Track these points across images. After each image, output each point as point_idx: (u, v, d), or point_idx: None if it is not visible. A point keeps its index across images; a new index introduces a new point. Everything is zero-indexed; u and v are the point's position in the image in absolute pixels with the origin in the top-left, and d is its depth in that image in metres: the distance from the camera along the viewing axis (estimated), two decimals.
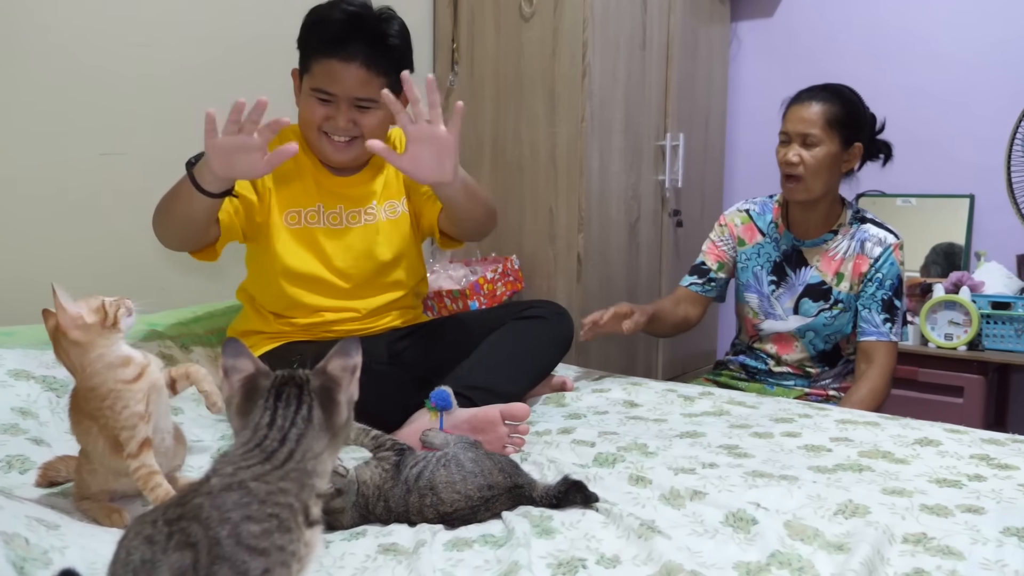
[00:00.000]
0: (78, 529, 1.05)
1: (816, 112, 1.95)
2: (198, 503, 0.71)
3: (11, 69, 1.82)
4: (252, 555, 0.69)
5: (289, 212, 1.72)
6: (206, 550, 0.68)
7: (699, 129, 3.07)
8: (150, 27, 2.04)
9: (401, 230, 1.83)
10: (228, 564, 0.68)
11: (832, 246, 2.04)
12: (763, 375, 2.16)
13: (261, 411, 0.77)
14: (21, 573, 0.88)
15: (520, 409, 1.46)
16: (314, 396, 0.78)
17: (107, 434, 1.11)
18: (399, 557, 1.04)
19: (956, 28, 2.94)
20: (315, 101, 1.66)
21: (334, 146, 1.70)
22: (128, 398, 1.11)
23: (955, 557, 1.03)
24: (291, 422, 0.76)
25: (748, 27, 3.38)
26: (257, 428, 0.76)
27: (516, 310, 1.84)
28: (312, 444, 0.76)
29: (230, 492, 0.71)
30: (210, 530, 0.69)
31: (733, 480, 1.27)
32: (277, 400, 0.77)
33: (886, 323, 1.98)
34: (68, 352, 1.13)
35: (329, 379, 0.79)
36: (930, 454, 1.42)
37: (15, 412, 1.43)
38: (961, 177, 2.94)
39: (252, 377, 0.80)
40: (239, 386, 0.80)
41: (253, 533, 0.69)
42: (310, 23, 1.69)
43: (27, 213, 1.86)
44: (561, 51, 2.52)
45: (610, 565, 1.02)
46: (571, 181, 2.54)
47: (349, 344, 0.81)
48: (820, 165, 1.95)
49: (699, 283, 2.20)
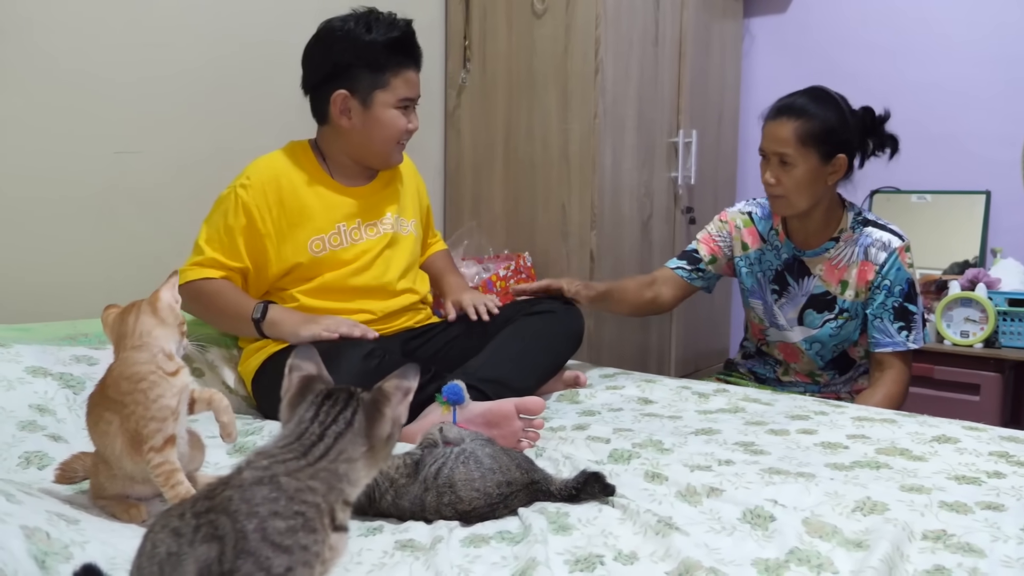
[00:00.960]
0: (98, 524, 1.05)
1: (788, 131, 1.84)
2: (228, 495, 0.71)
3: (27, 68, 1.82)
4: (276, 552, 0.69)
5: (313, 241, 1.77)
6: (232, 543, 0.68)
7: (712, 126, 3.06)
8: (164, 26, 2.04)
9: (413, 245, 1.93)
10: (252, 559, 0.68)
11: (835, 254, 1.95)
12: (771, 383, 2.12)
13: (308, 405, 0.79)
14: (43, 567, 0.88)
15: (534, 402, 1.46)
16: (361, 402, 0.80)
17: (129, 427, 1.08)
18: (416, 553, 1.04)
19: (971, 23, 2.92)
20: (399, 112, 1.79)
21: (400, 149, 1.85)
22: (164, 388, 1.10)
23: (976, 554, 1.02)
24: (333, 419, 0.77)
25: (761, 23, 3.36)
26: (300, 421, 0.78)
27: (527, 306, 1.86)
28: (348, 447, 0.77)
29: (261, 486, 0.71)
30: (238, 523, 0.69)
31: (750, 477, 1.26)
32: (326, 398, 0.79)
33: (901, 331, 1.90)
34: (140, 318, 1.13)
35: (380, 392, 0.81)
36: (948, 451, 1.41)
37: (33, 409, 1.43)
38: (977, 173, 2.92)
39: (310, 378, 0.83)
40: (296, 382, 0.83)
41: (279, 529, 0.70)
42: (369, 44, 1.73)
43: (42, 211, 1.87)
44: (574, 48, 2.51)
45: (628, 562, 1.02)
46: (584, 178, 2.53)
47: (408, 368, 0.83)
48: (799, 184, 1.86)
49: (686, 269, 2.11)
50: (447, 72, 2.80)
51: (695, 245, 2.13)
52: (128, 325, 1.14)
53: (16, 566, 0.85)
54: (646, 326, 2.80)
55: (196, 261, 1.73)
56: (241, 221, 1.71)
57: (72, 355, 1.61)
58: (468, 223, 2.73)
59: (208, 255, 1.72)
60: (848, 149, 1.89)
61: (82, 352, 1.63)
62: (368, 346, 1.61)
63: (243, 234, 1.72)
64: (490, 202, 2.73)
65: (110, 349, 1.64)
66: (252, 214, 1.72)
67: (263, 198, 1.73)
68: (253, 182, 1.73)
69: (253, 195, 1.72)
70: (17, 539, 0.89)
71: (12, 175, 1.82)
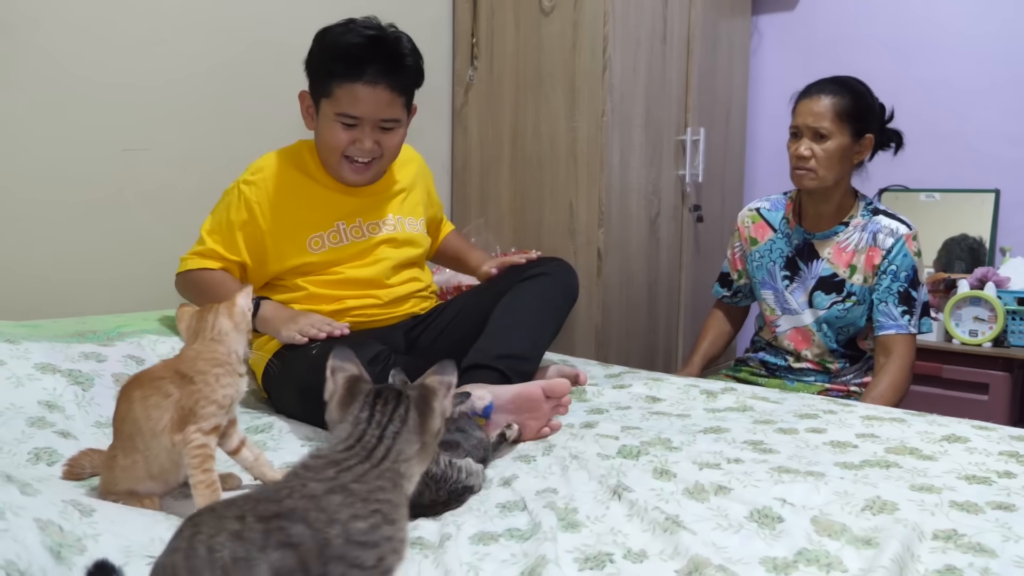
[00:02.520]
0: (111, 516, 1.06)
1: (826, 105, 1.95)
2: (301, 506, 0.73)
3: (34, 67, 1.83)
4: (364, 549, 0.72)
5: (312, 238, 1.76)
6: (315, 552, 0.70)
7: (720, 124, 3.05)
8: (173, 24, 2.05)
9: (420, 241, 1.92)
10: (342, 562, 0.71)
11: (843, 238, 2.03)
12: (783, 371, 2.15)
13: (361, 404, 0.82)
14: (58, 557, 0.89)
15: (561, 385, 1.48)
16: (411, 399, 0.83)
17: (186, 404, 1.11)
18: (425, 551, 1.04)
19: (980, 20, 2.90)
20: (339, 126, 1.68)
21: (354, 168, 1.74)
22: (232, 380, 1.15)
23: (987, 554, 1.02)
24: (389, 418, 0.81)
25: (769, 21, 3.35)
26: (357, 422, 0.81)
27: (520, 272, 1.83)
28: (405, 447, 0.81)
29: (333, 495, 0.74)
30: (318, 532, 0.71)
31: (759, 476, 1.26)
32: (377, 397, 0.83)
33: (904, 315, 1.96)
34: (218, 319, 1.17)
35: (426, 388, 0.85)
36: (958, 451, 1.40)
37: (41, 405, 1.44)
38: (986, 171, 2.90)
39: (355, 378, 0.87)
40: (342, 383, 0.86)
41: (361, 530, 0.73)
42: (327, 47, 1.69)
43: (50, 208, 1.88)
44: (581, 45, 2.51)
45: (637, 560, 1.02)
46: (591, 176, 2.53)
47: (446, 364, 0.88)
48: (832, 158, 1.95)
49: (728, 295, 2.28)
50: (455, 70, 2.80)
51: (726, 265, 2.27)
52: (207, 322, 1.17)
53: (30, 558, 0.85)
54: (653, 325, 2.79)
55: (197, 251, 1.75)
56: (243, 216, 1.72)
57: (81, 352, 1.61)
58: (475, 220, 2.73)
59: (208, 246, 1.73)
60: (875, 131, 2.01)
61: (91, 349, 1.63)
62: (374, 348, 1.61)
63: (243, 229, 1.73)
64: (497, 200, 2.73)
65: (117, 347, 1.67)
66: (253, 210, 1.72)
67: (265, 194, 1.73)
68: (256, 178, 1.74)
69: (255, 191, 1.73)
70: (31, 531, 0.90)
71: (21, 173, 1.83)
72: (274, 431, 1.55)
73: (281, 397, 1.67)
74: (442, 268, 2.47)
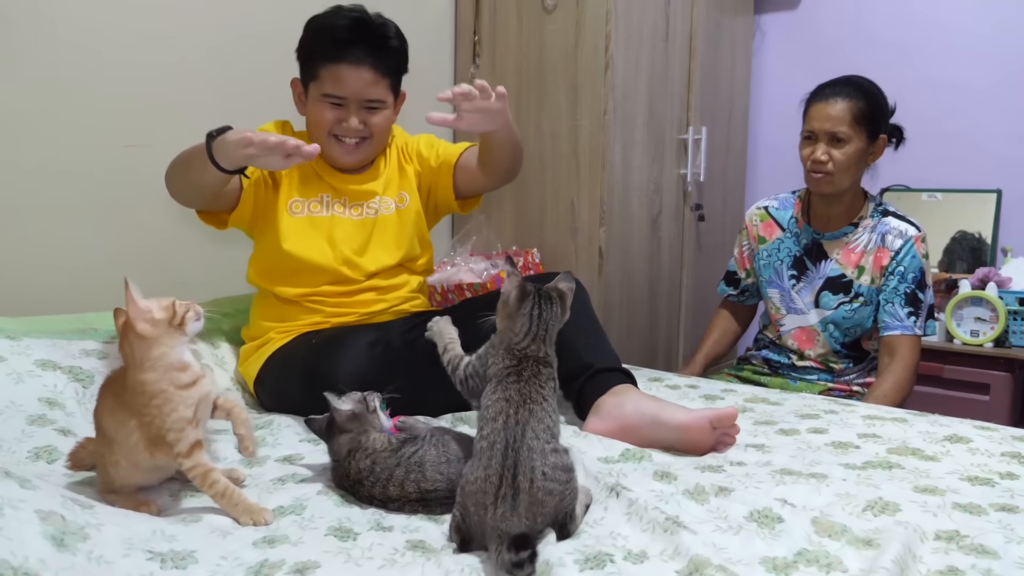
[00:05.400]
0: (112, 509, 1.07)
1: (842, 109, 1.93)
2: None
3: (36, 62, 1.83)
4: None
5: (294, 201, 1.77)
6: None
7: (722, 122, 3.04)
8: (174, 19, 2.04)
9: (409, 219, 1.85)
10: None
11: (852, 239, 2.03)
12: (786, 369, 2.14)
13: (532, 303, 1.14)
14: (60, 545, 0.90)
15: (729, 413, 1.41)
16: (558, 299, 1.17)
17: (147, 432, 1.11)
18: (427, 554, 1.03)
19: (982, 19, 2.90)
20: (325, 106, 1.72)
21: (343, 148, 1.75)
22: (177, 402, 1.11)
23: (990, 556, 1.02)
24: (550, 312, 1.15)
25: (772, 19, 3.34)
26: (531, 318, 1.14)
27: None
28: (554, 331, 1.17)
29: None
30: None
31: (760, 477, 1.26)
32: (539, 297, 1.15)
33: (910, 316, 1.96)
34: (133, 346, 1.13)
35: (560, 291, 1.17)
36: (960, 451, 1.40)
37: (42, 402, 1.44)
38: (988, 171, 2.90)
39: (523, 282, 1.15)
40: (516, 283, 1.14)
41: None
42: (313, 31, 1.74)
43: (52, 204, 1.87)
44: (584, 43, 2.50)
45: (638, 560, 1.01)
46: (593, 174, 2.52)
47: (567, 275, 1.19)
48: (849, 160, 1.94)
49: (735, 294, 2.27)
50: (457, 67, 2.79)
51: (733, 264, 2.26)
52: (132, 357, 1.13)
53: (26, 552, 0.85)
54: (655, 324, 2.79)
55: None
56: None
57: (82, 348, 1.61)
58: (476, 218, 2.72)
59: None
60: (887, 132, 2.01)
61: (92, 346, 1.63)
62: (372, 334, 1.64)
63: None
64: (499, 197, 2.72)
65: (118, 344, 1.66)
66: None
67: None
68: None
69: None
70: (30, 524, 0.90)
71: (22, 168, 1.82)
72: (273, 426, 1.55)
73: (281, 396, 1.67)
74: (442, 267, 2.46)
